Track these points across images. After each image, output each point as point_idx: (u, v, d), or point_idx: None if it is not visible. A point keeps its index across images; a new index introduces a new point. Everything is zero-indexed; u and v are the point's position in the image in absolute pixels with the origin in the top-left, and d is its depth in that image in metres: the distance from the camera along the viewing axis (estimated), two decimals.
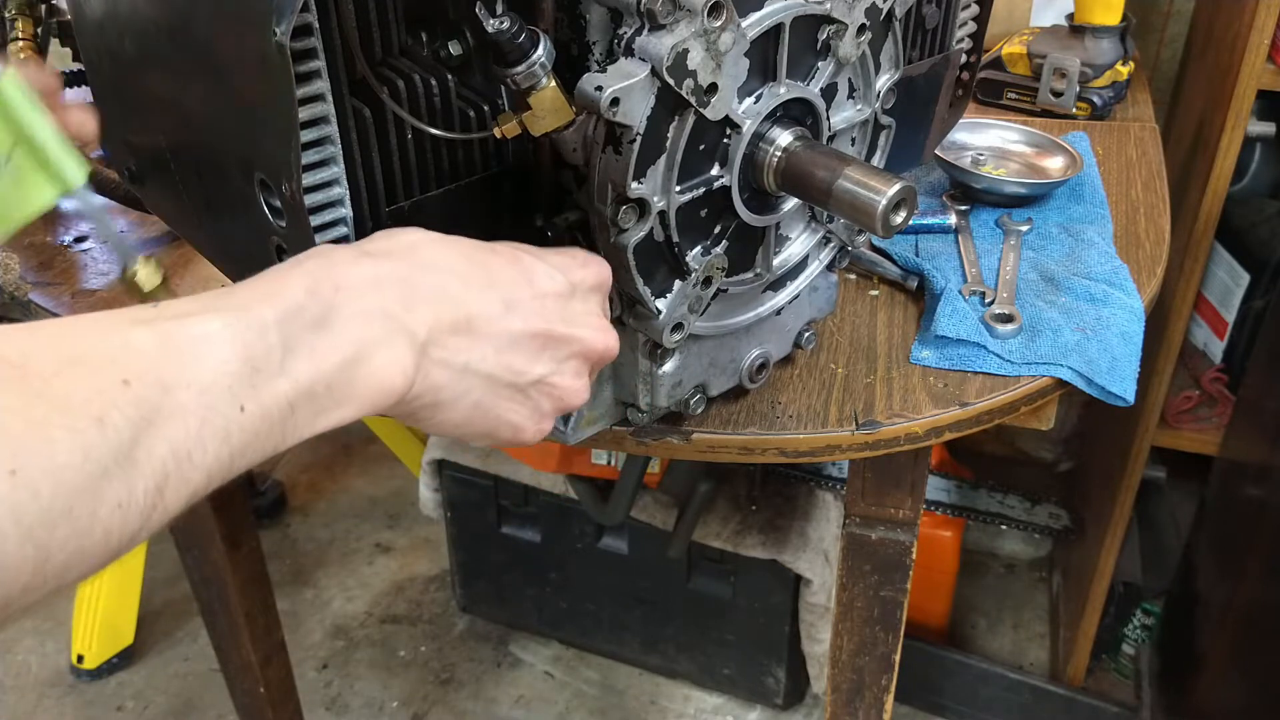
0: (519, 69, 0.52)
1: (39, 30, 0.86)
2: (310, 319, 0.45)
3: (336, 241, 0.56)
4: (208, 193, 0.63)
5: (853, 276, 0.90)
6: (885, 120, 0.70)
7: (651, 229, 0.59)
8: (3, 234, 0.53)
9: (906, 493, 0.84)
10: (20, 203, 0.52)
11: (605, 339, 0.56)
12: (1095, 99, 1.18)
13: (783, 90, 0.61)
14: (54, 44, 0.88)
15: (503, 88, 0.59)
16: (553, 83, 0.53)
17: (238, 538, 1.19)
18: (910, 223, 0.66)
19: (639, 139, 0.55)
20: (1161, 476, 1.75)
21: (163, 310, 0.42)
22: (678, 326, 0.64)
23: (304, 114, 0.51)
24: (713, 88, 0.56)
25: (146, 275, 0.54)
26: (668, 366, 0.67)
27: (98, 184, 0.83)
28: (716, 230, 0.64)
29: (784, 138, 0.61)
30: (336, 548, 2.13)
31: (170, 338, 0.40)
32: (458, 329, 0.50)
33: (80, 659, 1.83)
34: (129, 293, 0.54)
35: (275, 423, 0.43)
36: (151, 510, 0.38)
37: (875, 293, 0.88)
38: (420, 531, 2.16)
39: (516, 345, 0.52)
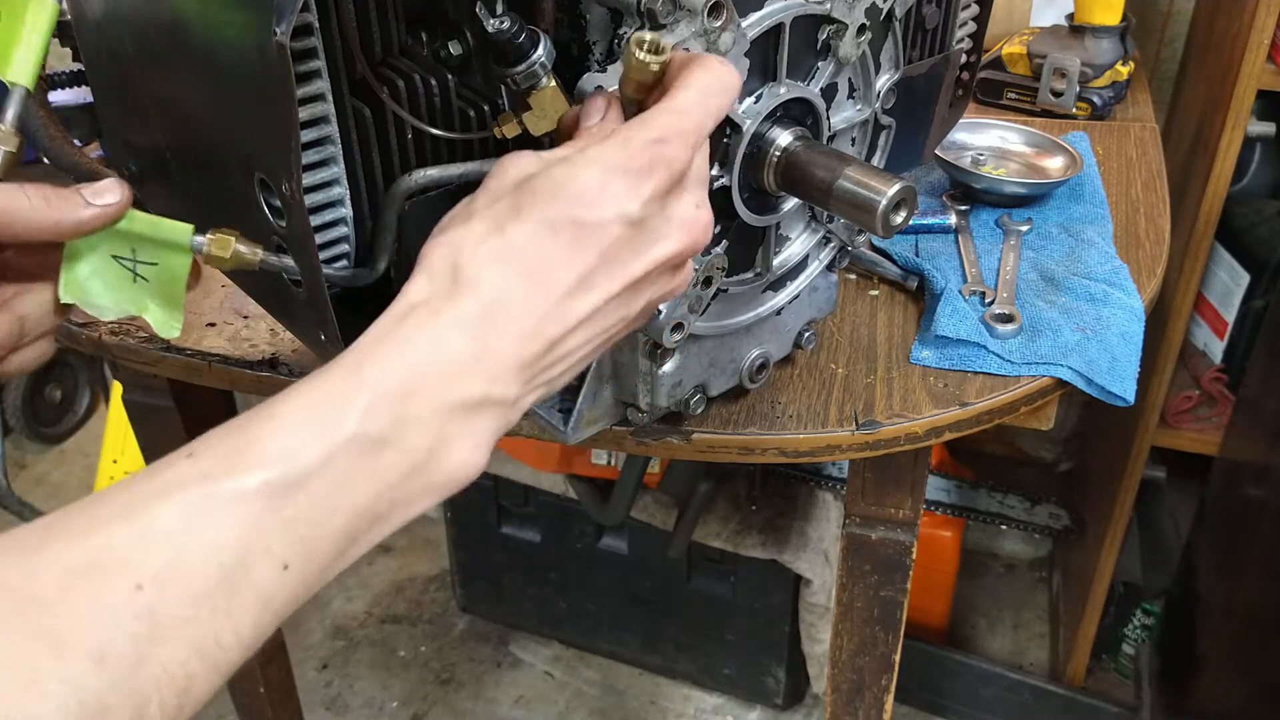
0: (519, 69, 0.52)
1: None
2: (368, 442, 0.41)
3: (334, 243, 0.56)
4: (208, 193, 0.63)
5: (853, 276, 0.90)
6: (885, 120, 0.70)
7: None
8: (180, 315, 0.57)
9: (906, 493, 0.84)
10: (174, 282, 0.55)
11: (691, 235, 0.50)
12: (1095, 99, 1.18)
13: (783, 90, 0.61)
14: (54, 44, 0.88)
15: (503, 88, 0.59)
16: (553, 83, 0.53)
17: None
18: (910, 223, 0.66)
19: None
20: (1161, 476, 1.75)
21: (198, 462, 0.39)
22: (678, 326, 0.64)
23: (304, 114, 0.51)
24: None
25: (217, 246, 0.54)
26: (668, 366, 0.67)
27: None
28: (716, 230, 0.64)
29: (784, 138, 0.61)
30: None
31: (198, 513, 0.37)
32: (542, 357, 0.46)
33: None
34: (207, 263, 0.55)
35: (329, 559, 0.40)
36: (177, 713, 0.36)
37: (875, 293, 0.88)
38: (420, 531, 2.16)
39: (606, 313, 0.48)
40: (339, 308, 0.55)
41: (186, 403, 1.00)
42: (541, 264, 0.46)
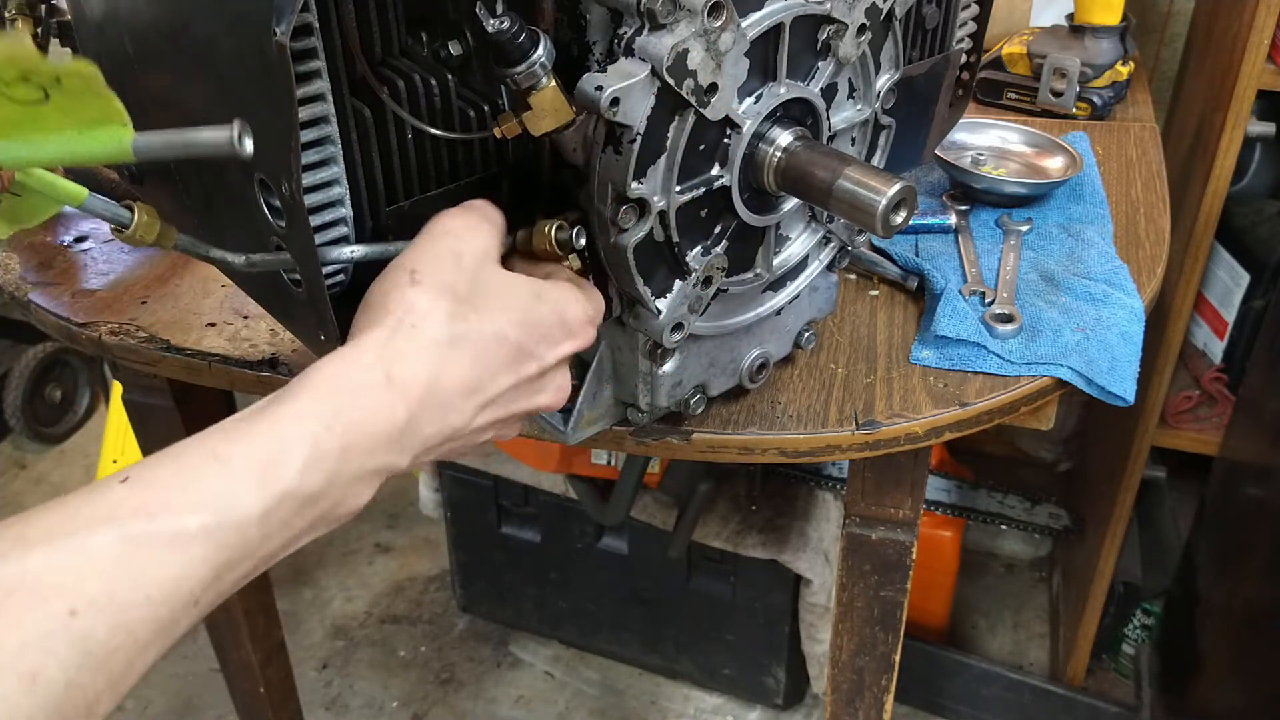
0: (519, 69, 0.52)
1: (39, 30, 0.86)
2: (302, 499, 0.43)
3: (335, 243, 0.56)
4: (208, 193, 0.63)
5: (853, 276, 0.90)
6: (885, 120, 0.70)
7: (651, 229, 0.59)
8: (12, 230, 0.54)
9: (906, 493, 0.84)
10: (29, 214, 0.54)
11: (558, 400, 0.56)
12: (1095, 99, 1.18)
13: (783, 90, 0.61)
14: (54, 44, 0.88)
15: (503, 88, 0.59)
16: (553, 83, 0.53)
17: None
18: (910, 223, 0.66)
19: (639, 139, 0.55)
20: (1161, 476, 1.75)
21: (134, 492, 0.39)
22: (678, 326, 0.64)
23: (304, 114, 0.51)
24: (713, 88, 0.56)
25: (145, 226, 0.54)
26: (668, 366, 0.67)
27: (96, 184, 0.83)
28: (716, 230, 0.64)
29: (784, 138, 0.61)
30: (336, 547, 2.13)
31: (135, 547, 0.38)
32: (437, 448, 0.50)
33: None
34: (134, 244, 0.54)
35: (226, 592, 0.41)
36: None
37: (875, 293, 0.88)
38: (420, 531, 2.16)
39: (481, 431, 0.52)
40: (339, 308, 0.55)
41: (186, 403, 1.00)
42: (483, 369, 0.50)
